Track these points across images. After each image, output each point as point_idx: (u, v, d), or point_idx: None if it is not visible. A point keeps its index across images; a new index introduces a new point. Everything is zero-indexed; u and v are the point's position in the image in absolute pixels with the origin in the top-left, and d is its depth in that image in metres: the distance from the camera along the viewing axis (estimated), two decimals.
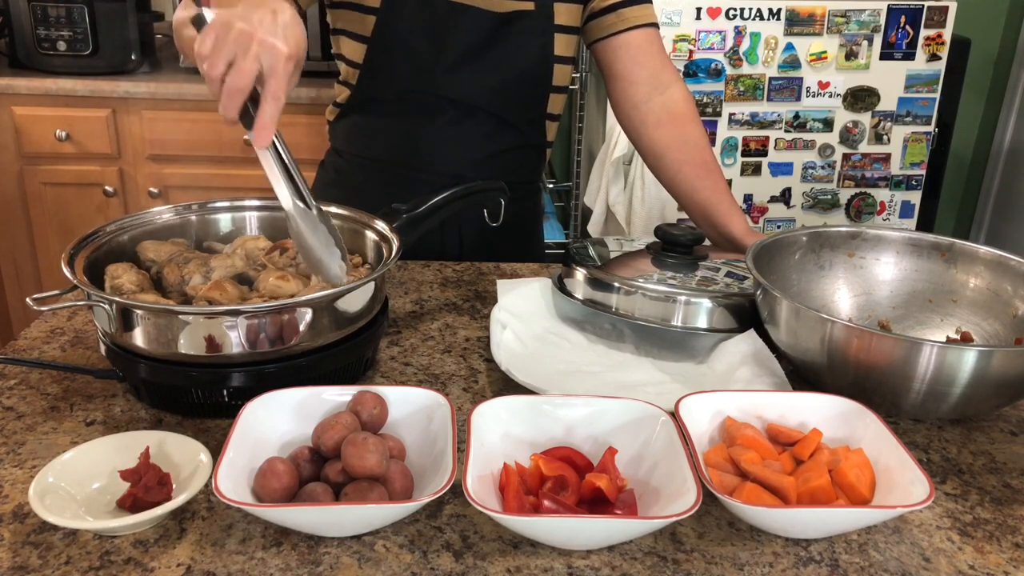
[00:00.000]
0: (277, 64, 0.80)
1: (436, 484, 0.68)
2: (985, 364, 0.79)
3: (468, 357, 0.99)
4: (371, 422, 0.75)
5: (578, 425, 0.78)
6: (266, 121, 0.81)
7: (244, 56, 0.79)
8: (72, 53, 2.38)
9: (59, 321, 1.03)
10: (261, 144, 0.82)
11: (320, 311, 0.83)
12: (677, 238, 1.08)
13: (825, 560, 0.69)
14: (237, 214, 1.06)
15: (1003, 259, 1.00)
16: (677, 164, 1.26)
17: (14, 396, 0.87)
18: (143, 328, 0.81)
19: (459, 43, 1.21)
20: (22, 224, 2.47)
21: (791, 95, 2.35)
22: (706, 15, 2.26)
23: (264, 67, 0.80)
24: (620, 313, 1.01)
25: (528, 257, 1.32)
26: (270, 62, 0.80)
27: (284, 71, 0.81)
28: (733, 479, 0.73)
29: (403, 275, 1.22)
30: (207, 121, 2.36)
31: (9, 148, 2.39)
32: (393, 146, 1.28)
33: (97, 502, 0.71)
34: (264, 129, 0.81)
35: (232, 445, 0.69)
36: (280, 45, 0.80)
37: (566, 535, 0.67)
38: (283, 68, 0.80)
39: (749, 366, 0.94)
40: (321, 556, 0.67)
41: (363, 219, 1.01)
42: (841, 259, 1.07)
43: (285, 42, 0.81)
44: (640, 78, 1.27)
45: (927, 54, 2.36)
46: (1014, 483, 0.80)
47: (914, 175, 2.49)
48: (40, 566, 0.65)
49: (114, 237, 0.94)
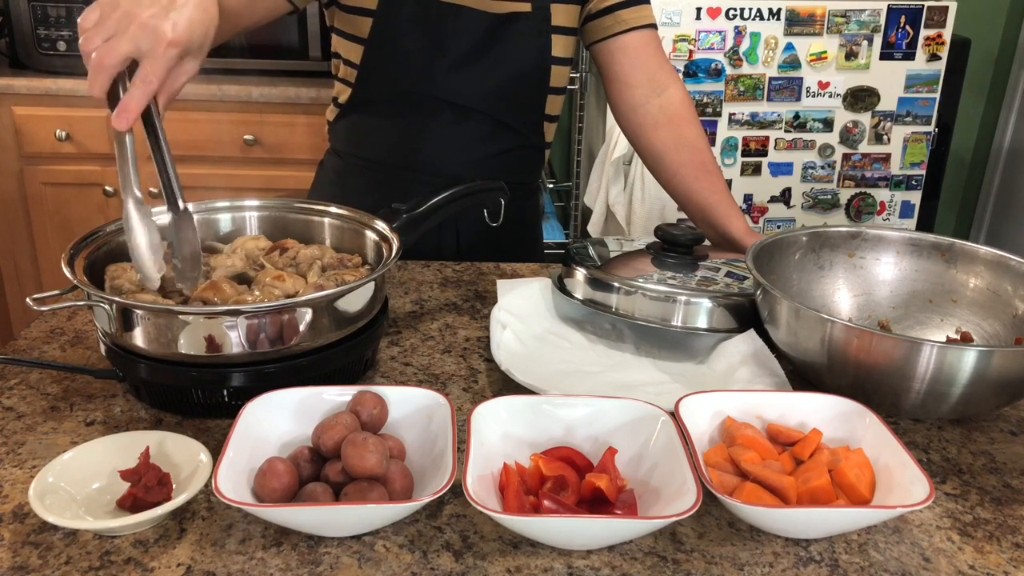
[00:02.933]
0: (156, 48, 0.78)
1: (436, 484, 0.68)
2: (985, 364, 0.79)
3: (468, 357, 0.99)
4: (371, 422, 0.75)
5: (578, 425, 0.78)
6: (128, 104, 0.77)
7: (121, 36, 0.77)
8: (72, 53, 2.38)
9: (59, 321, 1.03)
10: (118, 126, 0.78)
11: (320, 311, 0.83)
12: (677, 238, 1.08)
13: (825, 560, 0.69)
14: (237, 214, 1.06)
15: (1003, 259, 1.00)
16: (675, 166, 1.26)
17: (14, 396, 0.87)
18: (143, 328, 0.81)
19: (456, 45, 1.21)
20: (22, 224, 2.47)
21: (791, 95, 2.35)
22: (706, 15, 2.26)
23: (142, 49, 0.77)
24: (620, 313, 1.01)
25: (526, 257, 1.32)
26: (149, 45, 0.77)
27: (163, 56, 0.78)
28: (733, 479, 0.73)
29: (403, 275, 1.22)
30: (207, 121, 2.36)
31: (9, 148, 2.39)
32: (391, 147, 1.28)
33: (97, 502, 0.71)
34: (125, 112, 0.77)
35: (232, 445, 0.69)
36: (165, 28, 0.78)
37: (566, 535, 0.67)
38: (162, 52, 0.78)
39: (749, 366, 0.94)
40: (321, 556, 0.67)
41: (363, 219, 1.01)
42: (841, 259, 1.07)
43: (173, 27, 0.79)
44: (638, 80, 1.27)
45: (927, 54, 2.36)
46: (1014, 483, 0.80)
47: (914, 175, 2.49)
48: (40, 566, 0.65)
49: (114, 237, 0.94)
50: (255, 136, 2.40)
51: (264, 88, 2.35)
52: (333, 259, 0.98)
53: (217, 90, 2.34)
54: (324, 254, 0.99)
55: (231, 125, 2.38)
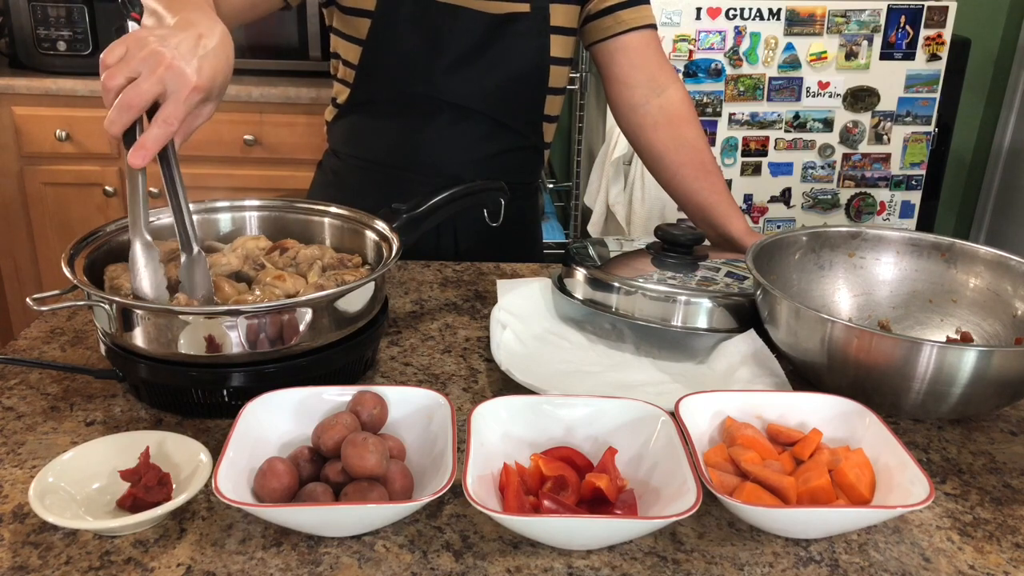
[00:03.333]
0: (181, 91, 0.78)
1: (436, 484, 0.68)
2: (985, 364, 0.79)
3: (468, 357, 0.99)
4: (371, 422, 0.75)
5: (578, 425, 0.78)
6: (147, 143, 0.77)
7: (148, 76, 0.77)
8: (72, 53, 2.38)
9: (59, 321, 1.03)
10: (134, 163, 0.77)
11: (320, 311, 0.83)
12: (677, 238, 1.08)
13: (825, 560, 0.69)
14: (237, 214, 1.06)
15: (1003, 259, 1.00)
16: (675, 166, 1.26)
17: (14, 396, 0.87)
18: (143, 328, 0.81)
19: (454, 45, 1.21)
20: (22, 224, 2.48)
21: (791, 95, 2.35)
22: (706, 15, 2.26)
23: (168, 91, 0.78)
24: (620, 313, 1.01)
25: (526, 257, 1.32)
26: (175, 87, 0.78)
27: (186, 99, 0.78)
28: (733, 479, 0.73)
29: (403, 275, 1.22)
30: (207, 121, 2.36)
31: (9, 148, 2.39)
32: (390, 148, 1.28)
33: (97, 502, 0.71)
34: (142, 149, 0.77)
35: (232, 445, 0.69)
36: (190, 73, 0.78)
37: (566, 535, 0.67)
38: (185, 96, 0.78)
39: (749, 366, 0.94)
40: (321, 556, 0.67)
41: (363, 219, 1.01)
42: (841, 259, 1.07)
43: (198, 72, 0.79)
44: (637, 81, 1.27)
45: (927, 54, 2.36)
46: (1014, 483, 0.80)
47: (914, 175, 2.49)
48: (40, 566, 0.65)
49: (114, 237, 0.94)
50: (255, 136, 2.40)
51: (264, 88, 2.35)
52: (333, 259, 0.98)
53: None
54: (324, 254, 0.99)
55: (231, 125, 2.38)
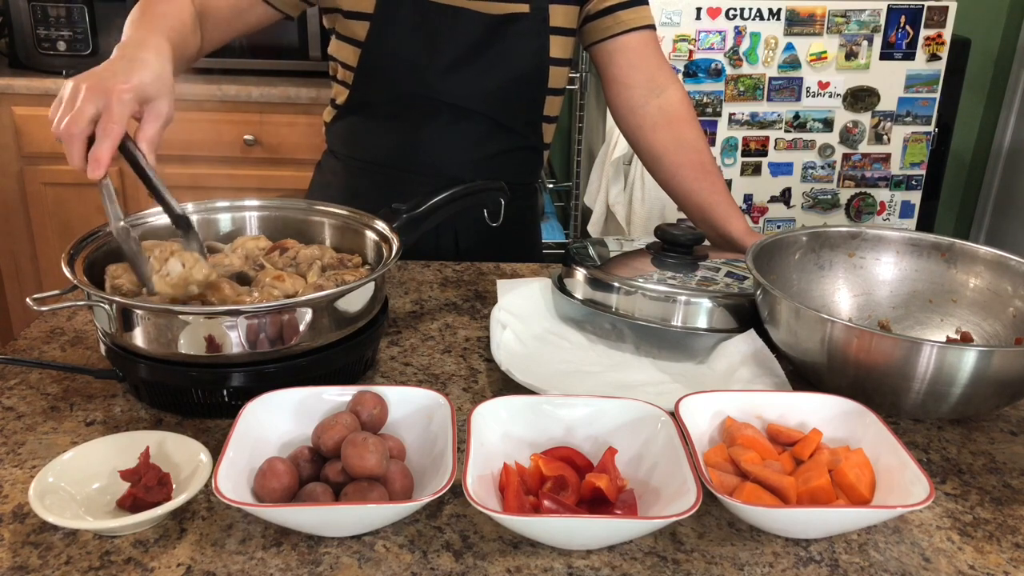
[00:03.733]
0: (110, 102, 0.82)
1: (436, 484, 0.68)
2: (985, 364, 0.79)
3: (468, 357, 0.99)
4: (371, 422, 0.75)
5: (578, 425, 0.78)
6: (96, 154, 0.82)
7: (81, 102, 0.82)
8: (72, 53, 2.38)
9: (59, 321, 1.03)
10: (92, 176, 0.83)
11: (320, 311, 0.83)
12: (677, 238, 1.08)
13: (825, 560, 0.69)
14: (237, 214, 1.06)
15: (1003, 259, 1.00)
16: (675, 166, 1.26)
17: (14, 396, 0.87)
18: (143, 328, 0.81)
19: (453, 46, 1.21)
20: (22, 224, 2.47)
21: (791, 95, 2.35)
22: (706, 15, 2.26)
23: (99, 106, 0.82)
24: (620, 313, 1.01)
25: (525, 258, 1.32)
26: (104, 102, 0.82)
27: (116, 102, 0.82)
28: (733, 479, 0.73)
29: (403, 275, 1.22)
30: (207, 121, 2.36)
31: (9, 148, 2.39)
32: (389, 148, 1.28)
33: (97, 502, 0.71)
34: (95, 162, 0.82)
35: (232, 445, 0.69)
36: (114, 84, 0.83)
37: (566, 535, 0.67)
38: (115, 101, 0.82)
39: (749, 366, 0.94)
40: (321, 556, 0.67)
41: (363, 219, 1.01)
42: (841, 259, 1.07)
43: (126, 79, 0.84)
44: (636, 81, 1.27)
45: (927, 54, 2.36)
46: (1014, 483, 0.80)
47: (914, 175, 2.49)
48: (40, 566, 0.65)
49: (114, 237, 0.94)
50: (255, 136, 2.40)
51: (264, 88, 2.35)
52: (333, 259, 0.98)
53: (217, 90, 2.34)
54: (324, 254, 0.99)
55: (231, 125, 2.38)
